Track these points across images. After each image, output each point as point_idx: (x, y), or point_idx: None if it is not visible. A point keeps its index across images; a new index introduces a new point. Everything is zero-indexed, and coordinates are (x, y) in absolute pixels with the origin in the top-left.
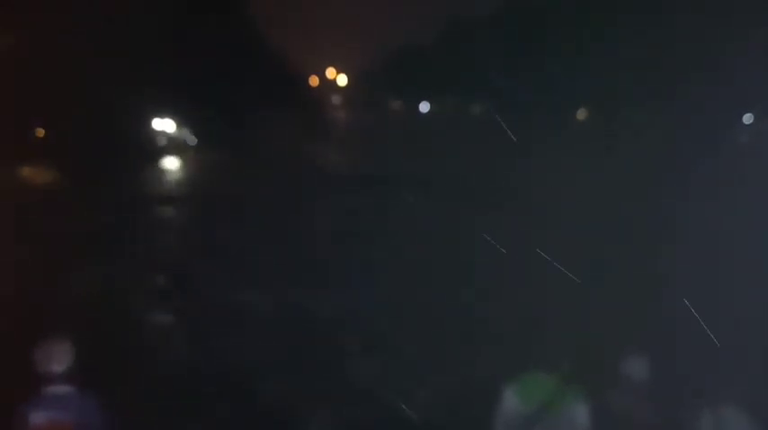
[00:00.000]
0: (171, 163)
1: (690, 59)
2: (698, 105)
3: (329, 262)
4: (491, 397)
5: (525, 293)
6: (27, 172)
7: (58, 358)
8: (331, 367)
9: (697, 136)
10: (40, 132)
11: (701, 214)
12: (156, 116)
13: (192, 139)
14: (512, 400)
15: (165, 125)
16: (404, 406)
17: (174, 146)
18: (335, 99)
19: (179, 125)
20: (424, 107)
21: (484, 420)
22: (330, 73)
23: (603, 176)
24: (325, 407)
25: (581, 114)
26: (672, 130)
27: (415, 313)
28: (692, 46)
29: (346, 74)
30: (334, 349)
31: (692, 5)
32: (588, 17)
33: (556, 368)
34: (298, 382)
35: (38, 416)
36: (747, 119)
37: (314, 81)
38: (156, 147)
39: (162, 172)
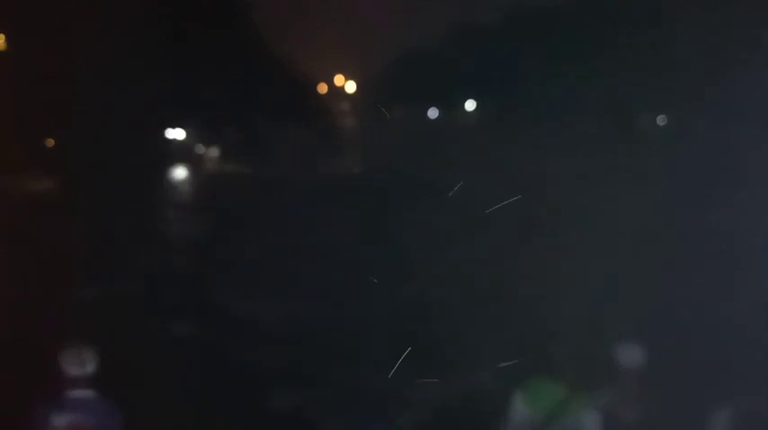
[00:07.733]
0: (181, 173)
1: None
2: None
3: (342, 269)
4: (498, 404)
5: (534, 298)
6: (38, 182)
7: (76, 362)
8: (336, 375)
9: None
10: (50, 142)
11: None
12: (166, 126)
13: (201, 149)
14: (519, 407)
15: (175, 134)
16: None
17: (184, 156)
18: (345, 106)
19: (189, 135)
20: (433, 113)
21: (491, 427)
22: (338, 80)
23: (611, 178)
24: (333, 415)
25: (591, 118)
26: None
27: (425, 318)
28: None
29: (355, 81)
30: (341, 357)
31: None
32: (596, 21)
33: (564, 375)
34: (305, 391)
35: (56, 420)
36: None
37: (322, 88)
38: (167, 157)
39: (173, 182)
